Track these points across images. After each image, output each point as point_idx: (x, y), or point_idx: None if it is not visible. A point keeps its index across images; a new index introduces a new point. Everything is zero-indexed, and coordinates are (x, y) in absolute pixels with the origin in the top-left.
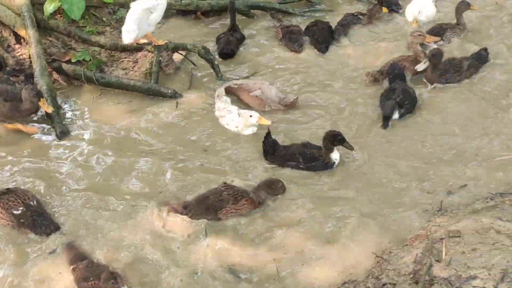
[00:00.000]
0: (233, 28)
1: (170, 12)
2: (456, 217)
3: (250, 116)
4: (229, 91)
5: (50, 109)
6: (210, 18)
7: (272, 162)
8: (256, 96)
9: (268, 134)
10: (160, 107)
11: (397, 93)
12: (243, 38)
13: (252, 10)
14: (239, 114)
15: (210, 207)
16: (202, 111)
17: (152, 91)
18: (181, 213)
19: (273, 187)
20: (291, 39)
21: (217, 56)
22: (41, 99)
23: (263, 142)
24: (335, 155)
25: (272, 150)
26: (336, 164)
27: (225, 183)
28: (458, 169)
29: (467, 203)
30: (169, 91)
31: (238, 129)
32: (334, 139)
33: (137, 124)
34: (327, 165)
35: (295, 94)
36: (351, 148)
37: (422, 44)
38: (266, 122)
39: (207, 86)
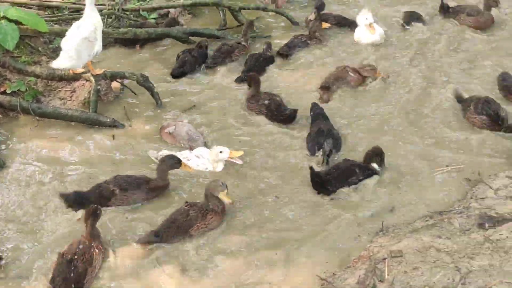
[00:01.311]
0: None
1: (108, 41)
2: (398, 236)
3: (220, 152)
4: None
5: (189, 168)
6: (150, 46)
7: (328, 191)
8: (169, 132)
9: (311, 169)
10: (100, 137)
11: (325, 136)
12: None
13: (191, 37)
14: (199, 155)
15: (180, 227)
16: (142, 140)
17: (90, 121)
18: (154, 242)
19: (216, 189)
20: (215, 56)
21: None
22: (182, 163)
23: (311, 179)
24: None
25: (324, 180)
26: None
27: (187, 202)
28: (397, 188)
29: (408, 223)
30: (108, 120)
31: (209, 169)
32: (380, 154)
33: (75, 155)
34: (374, 172)
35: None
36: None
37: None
38: (238, 153)
39: (147, 114)
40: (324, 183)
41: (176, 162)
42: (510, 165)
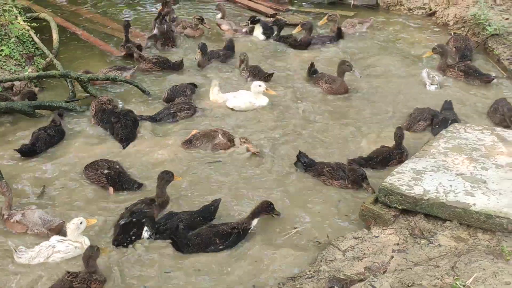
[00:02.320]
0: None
1: None
2: None
3: (80, 223)
4: None
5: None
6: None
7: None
8: (17, 221)
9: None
10: None
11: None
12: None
13: (37, 110)
14: (61, 240)
15: None
16: None
17: None
18: None
19: (92, 257)
20: (102, 119)
21: None
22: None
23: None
24: (255, 221)
25: (184, 245)
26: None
27: (68, 272)
28: (251, 255)
29: None
30: None
31: (78, 247)
32: (269, 208)
33: None
34: (245, 232)
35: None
36: (279, 214)
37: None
38: (92, 221)
39: None
40: (183, 248)
41: (171, 176)
42: (356, 226)
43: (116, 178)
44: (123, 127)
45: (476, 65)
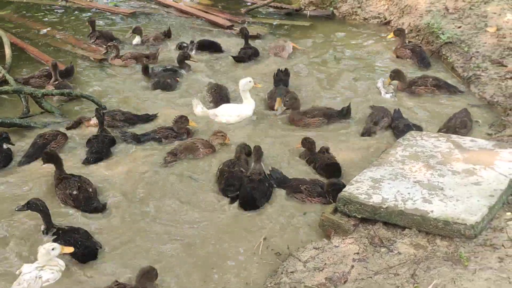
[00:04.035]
0: None
1: None
2: None
3: (52, 249)
4: None
5: None
6: None
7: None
8: None
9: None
10: None
11: None
12: None
13: None
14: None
15: None
16: None
17: None
18: None
19: (149, 276)
20: (29, 154)
21: None
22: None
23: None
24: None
25: (255, 198)
26: None
27: (116, 281)
28: (213, 269)
29: None
30: None
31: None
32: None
33: None
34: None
35: None
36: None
37: None
38: (69, 249)
39: None
40: (255, 201)
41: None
42: (316, 236)
43: (82, 202)
44: (100, 141)
45: (431, 73)
